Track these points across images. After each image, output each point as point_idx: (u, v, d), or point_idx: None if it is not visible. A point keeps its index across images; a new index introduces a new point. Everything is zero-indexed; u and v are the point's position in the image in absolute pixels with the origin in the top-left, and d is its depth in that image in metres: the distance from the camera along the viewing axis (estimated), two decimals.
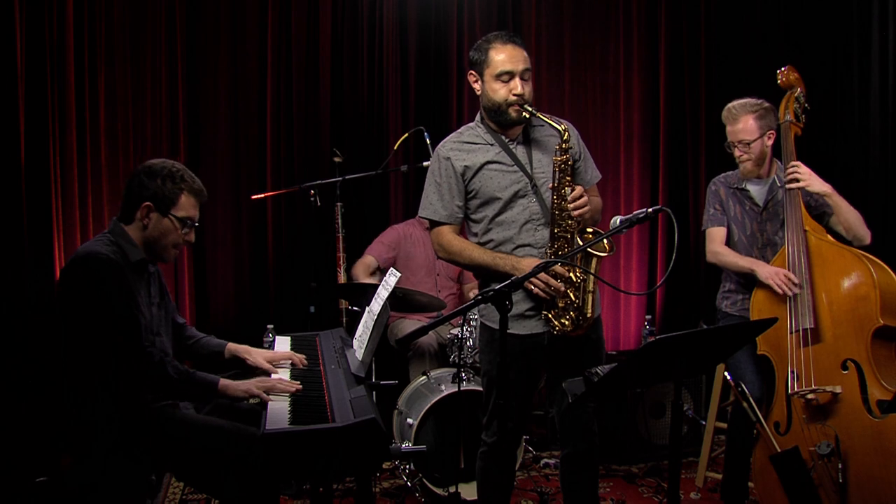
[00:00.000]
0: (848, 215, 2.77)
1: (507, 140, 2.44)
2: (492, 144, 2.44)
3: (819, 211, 2.88)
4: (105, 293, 2.06)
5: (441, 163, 2.46)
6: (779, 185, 2.93)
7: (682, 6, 4.70)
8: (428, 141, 3.50)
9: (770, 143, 2.92)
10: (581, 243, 2.27)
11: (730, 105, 2.95)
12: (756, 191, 2.97)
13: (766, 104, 2.93)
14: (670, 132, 4.72)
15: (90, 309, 2.05)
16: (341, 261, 3.60)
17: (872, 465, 2.43)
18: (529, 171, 2.41)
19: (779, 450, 2.61)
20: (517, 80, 2.35)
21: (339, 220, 3.60)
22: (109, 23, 3.86)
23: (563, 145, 2.33)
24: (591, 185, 2.55)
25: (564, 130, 2.32)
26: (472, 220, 2.49)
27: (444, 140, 2.51)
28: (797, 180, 2.72)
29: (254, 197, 3.75)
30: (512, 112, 2.36)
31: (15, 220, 3.47)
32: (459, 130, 2.52)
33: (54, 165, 3.65)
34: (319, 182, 3.53)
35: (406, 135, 3.67)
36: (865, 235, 2.80)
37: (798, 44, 4.51)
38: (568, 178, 2.34)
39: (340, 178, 3.57)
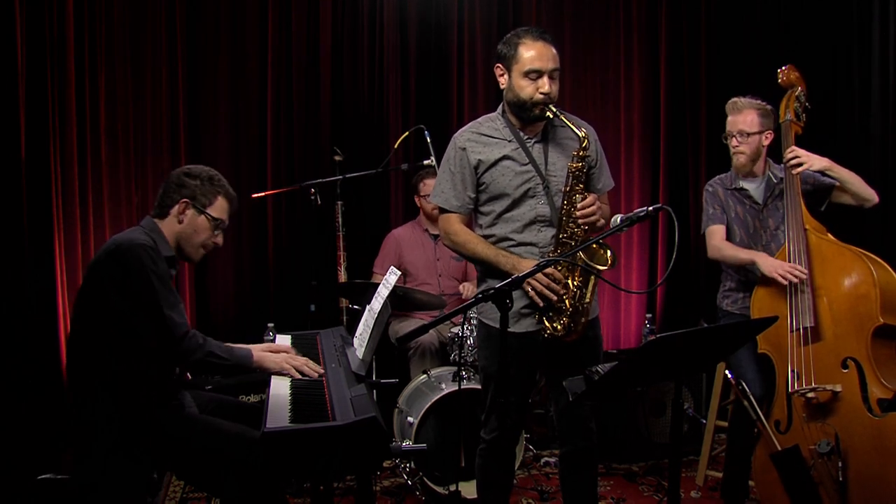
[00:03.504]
0: (853, 182, 2.80)
1: (525, 137, 2.44)
2: (509, 140, 2.43)
3: (820, 192, 2.89)
4: (151, 278, 2.11)
5: (457, 152, 2.46)
6: (775, 181, 2.94)
7: (682, 6, 4.70)
8: (428, 140, 3.50)
9: (767, 143, 2.95)
10: (583, 254, 2.27)
11: (736, 98, 2.99)
12: (754, 189, 2.99)
13: (769, 108, 2.97)
14: (670, 132, 4.72)
15: (137, 294, 2.09)
16: (342, 259, 3.60)
17: (872, 463, 2.44)
18: (543, 171, 2.41)
19: (779, 448, 2.62)
20: (545, 79, 2.35)
21: (340, 219, 3.60)
22: (109, 22, 3.86)
23: (581, 152, 2.33)
24: (602, 193, 2.55)
25: (584, 137, 2.31)
26: (480, 211, 2.50)
27: (463, 129, 2.51)
28: (799, 164, 2.75)
29: (254, 195, 3.75)
30: (536, 110, 2.36)
31: (15, 219, 3.47)
32: (479, 120, 2.52)
33: (54, 164, 3.65)
34: (320, 181, 3.53)
35: (406, 133, 3.67)
36: (872, 195, 2.81)
37: (798, 43, 4.51)
38: (581, 186, 2.34)
39: (341, 177, 3.58)
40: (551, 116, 2.34)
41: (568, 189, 2.34)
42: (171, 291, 2.16)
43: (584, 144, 2.32)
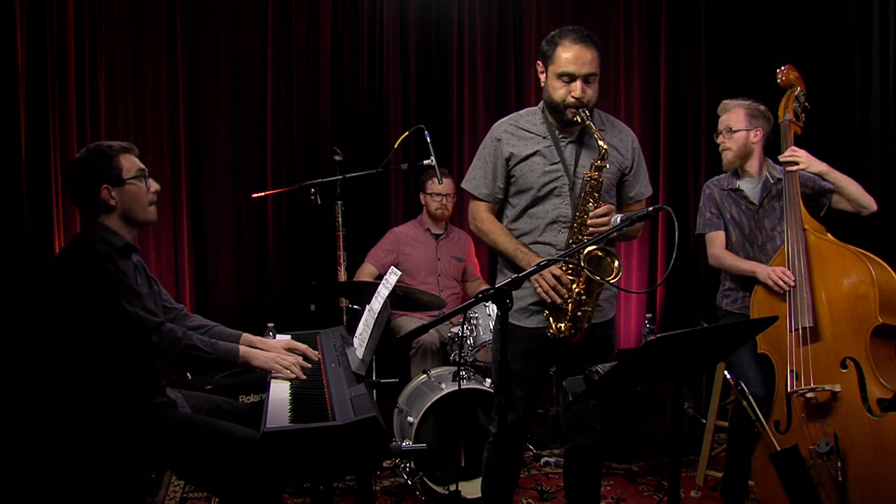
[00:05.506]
0: (850, 188, 2.82)
1: (560, 136, 2.45)
2: (544, 137, 2.45)
3: (819, 196, 2.90)
4: (103, 283, 2.08)
5: (492, 142, 2.50)
6: (772, 181, 2.94)
7: (682, 6, 4.70)
8: (428, 139, 3.49)
9: (756, 140, 2.96)
10: (590, 263, 2.27)
11: (726, 100, 3.06)
12: (750, 189, 2.99)
13: (763, 108, 2.99)
14: (670, 132, 4.72)
15: (92, 302, 2.06)
16: (342, 259, 3.60)
17: (871, 463, 2.44)
18: (572, 172, 2.42)
19: (779, 448, 2.62)
20: (578, 83, 2.34)
21: (340, 219, 3.60)
22: (110, 21, 3.86)
23: (598, 162, 2.33)
24: (635, 201, 2.57)
25: (602, 148, 2.31)
26: (509, 203, 2.53)
27: (503, 119, 2.54)
28: (796, 163, 2.76)
29: (254, 195, 3.74)
30: (568, 113, 2.37)
31: (15, 218, 3.47)
32: (520, 112, 2.55)
33: (55, 164, 3.64)
34: (320, 180, 3.52)
35: (406, 133, 3.66)
36: (871, 203, 2.82)
37: (798, 43, 4.50)
38: (596, 195, 2.34)
39: (341, 177, 3.57)
40: (580, 122, 2.34)
41: (582, 194, 2.35)
42: (127, 288, 2.11)
43: (601, 153, 2.32)
